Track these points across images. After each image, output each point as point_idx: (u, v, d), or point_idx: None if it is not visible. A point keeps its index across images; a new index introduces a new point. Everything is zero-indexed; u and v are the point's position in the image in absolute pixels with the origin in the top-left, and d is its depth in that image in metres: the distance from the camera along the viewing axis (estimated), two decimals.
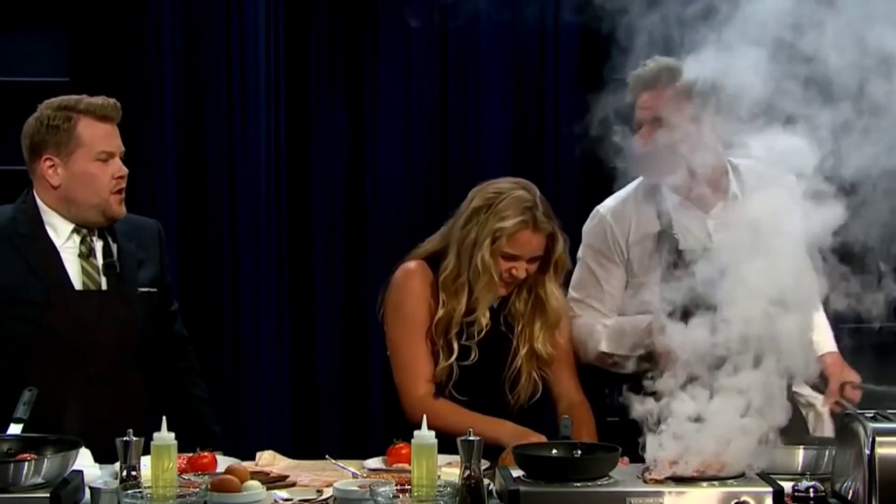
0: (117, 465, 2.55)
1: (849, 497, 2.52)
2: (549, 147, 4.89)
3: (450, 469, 2.80)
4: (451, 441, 2.59)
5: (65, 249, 3.24)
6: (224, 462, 2.93)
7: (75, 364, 3.17)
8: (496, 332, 3.32)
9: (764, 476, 2.58)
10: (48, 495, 2.46)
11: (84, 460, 2.73)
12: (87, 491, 2.60)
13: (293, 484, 2.88)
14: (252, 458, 3.08)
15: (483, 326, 3.28)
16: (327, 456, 3.12)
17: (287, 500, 2.74)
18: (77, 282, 3.23)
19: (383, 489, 2.39)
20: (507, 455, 2.87)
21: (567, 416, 2.99)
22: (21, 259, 3.20)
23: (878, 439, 2.45)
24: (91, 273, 3.25)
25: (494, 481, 2.72)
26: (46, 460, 2.54)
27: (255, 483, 2.70)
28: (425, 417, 2.54)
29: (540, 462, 2.65)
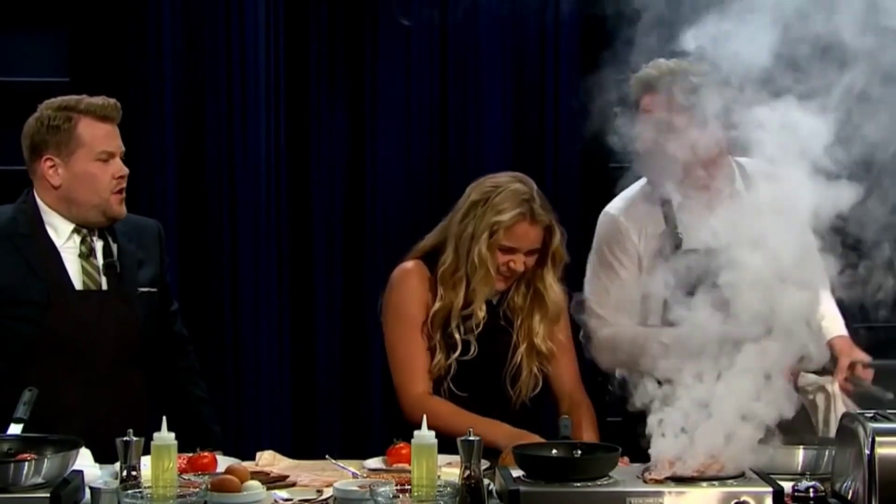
0: (117, 465, 2.56)
1: (849, 497, 2.52)
2: (549, 147, 4.88)
3: (450, 469, 2.80)
4: (451, 441, 2.60)
5: (65, 249, 3.24)
6: (224, 462, 2.93)
7: (75, 364, 3.17)
8: (496, 327, 3.32)
9: (764, 476, 2.59)
10: (48, 495, 2.46)
11: (84, 460, 2.73)
12: (88, 491, 2.60)
13: (293, 484, 2.88)
14: (252, 458, 3.09)
15: (480, 319, 3.28)
16: (327, 456, 3.12)
17: (287, 500, 2.74)
18: (77, 282, 3.23)
19: (383, 489, 2.39)
20: (507, 455, 2.87)
21: (567, 416, 2.99)
22: (21, 259, 3.20)
23: (878, 439, 2.45)
24: (91, 273, 3.25)
25: (494, 481, 2.72)
26: (47, 460, 2.54)
27: (255, 483, 2.70)
28: (425, 418, 2.54)
29: (540, 462, 2.65)
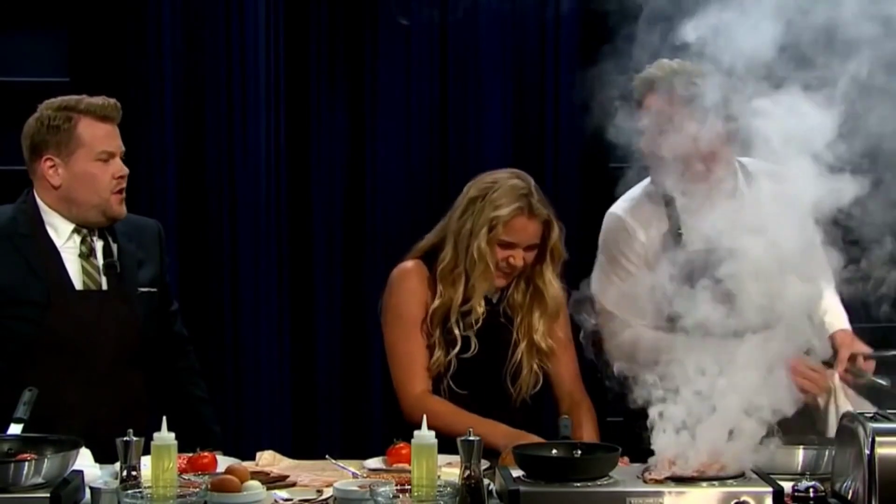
0: (117, 465, 2.56)
1: (849, 497, 2.52)
2: (549, 147, 4.88)
3: (450, 469, 2.80)
4: (451, 441, 2.60)
5: (65, 249, 3.24)
6: (224, 462, 2.93)
7: (75, 364, 3.18)
8: (496, 325, 3.33)
9: (764, 476, 2.59)
10: (48, 495, 2.46)
11: (84, 460, 2.73)
12: (88, 491, 2.60)
13: (293, 484, 2.88)
14: (252, 458, 3.09)
15: (479, 315, 3.28)
16: (327, 456, 3.13)
17: (287, 500, 2.74)
18: (77, 282, 3.23)
19: (383, 489, 2.39)
20: (507, 455, 2.88)
21: (567, 416, 2.99)
22: (21, 259, 3.20)
23: (878, 439, 2.45)
24: (91, 273, 3.25)
25: (494, 481, 2.72)
26: (47, 460, 2.54)
27: (255, 483, 2.71)
28: (425, 418, 2.54)
29: (540, 462, 2.65)
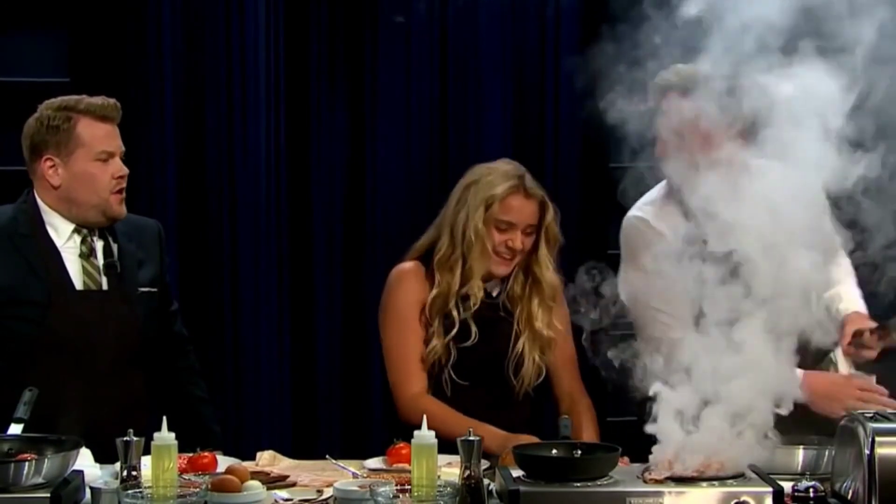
0: (118, 465, 2.56)
1: (848, 497, 2.52)
2: (549, 147, 4.88)
3: (450, 469, 2.80)
4: (451, 441, 2.60)
5: (65, 249, 3.24)
6: (224, 462, 2.94)
7: (76, 364, 3.18)
8: (496, 318, 3.34)
9: (764, 476, 2.59)
10: (49, 495, 2.46)
11: (84, 460, 2.73)
12: (88, 491, 2.60)
13: (293, 484, 2.88)
14: (252, 458, 3.09)
15: (477, 299, 3.29)
16: (327, 456, 3.13)
17: (287, 500, 2.74)
18: (78, 282, 3.23)
19: (383, 489, 2.39)
20: (507, 455, 2.88)
21: (567, 416, 2.99)
22: (22, 259, 3.20)
23: (878, 439, 2.46)
24: (92, 273, 3.25)
25: (494, 481, 2.72)
26: (47, 460, 2.55)
27: (256, 483, 2.71)
28: (425, 418, 2.55)
29: (540, 462, 2.65)
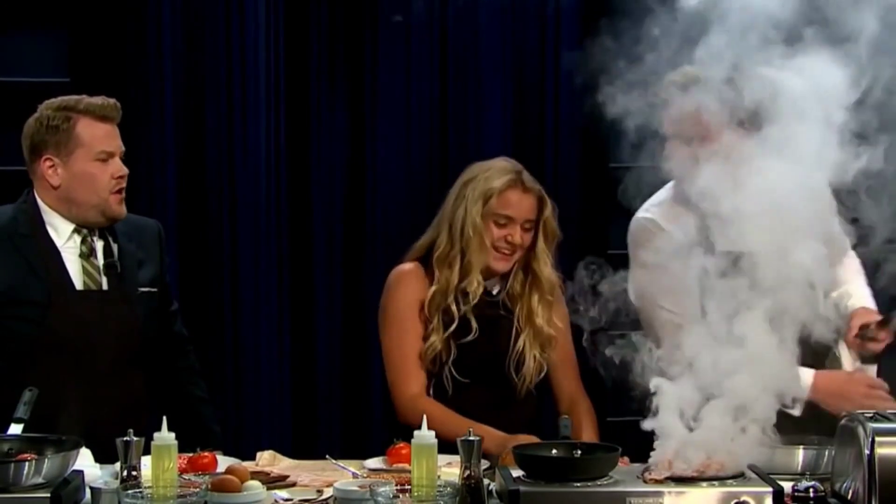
0: (118, 465, 2.56)
1: (848, 497, 2.52)
2: (550, 147, 4.89)
3: (450, 469, 2.80)
4: (449, 442, 2.60)
5: (65, 249, 3.24)
6: (224, 462, 2.93)
7: (76, 364, 3.18)
8: (497, 317, 3.34)
9: (764, 476, 2.59)
10: (49, 495, 2.46)
11: (84, 460, 2.73)
12: (88, 491, 2.60)
13: (293, 484, 2.88)
14: (252, 458, 3.09)
15: (476, 294, 3.29)
16: (327, 456, 3.13)
17: (287, 500, 2.74)
18: (78, 282, 3.23)
19: (383, 489, 2.39)
20: (507, 455, 2.88)
21: (567, 416, 2.99)
22: (22, 259, 3.20)
23: (878, 439, 2.45)
24: (92, 273, 3.25)
25: (494, 481, 2.72)
26: (47, 460, 2.54)
27: (256, 483, 2.70)
28: (425, 418, 2.55)
29: (540, 462, 2.65)
